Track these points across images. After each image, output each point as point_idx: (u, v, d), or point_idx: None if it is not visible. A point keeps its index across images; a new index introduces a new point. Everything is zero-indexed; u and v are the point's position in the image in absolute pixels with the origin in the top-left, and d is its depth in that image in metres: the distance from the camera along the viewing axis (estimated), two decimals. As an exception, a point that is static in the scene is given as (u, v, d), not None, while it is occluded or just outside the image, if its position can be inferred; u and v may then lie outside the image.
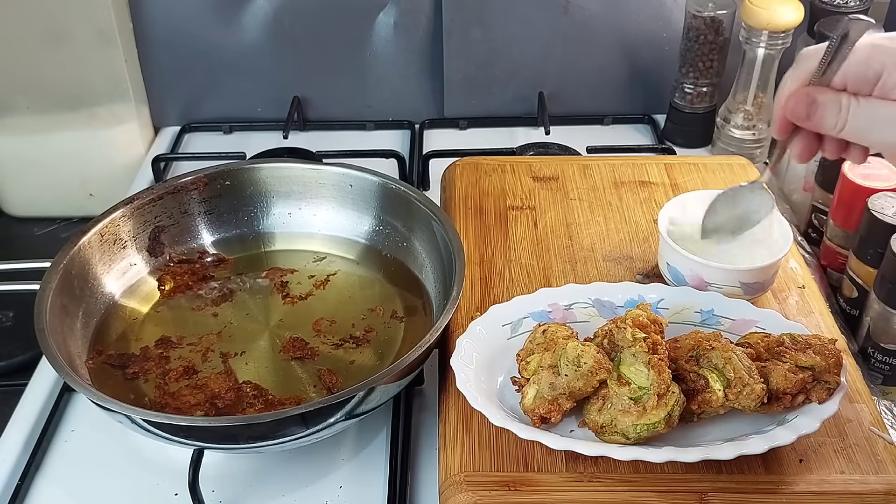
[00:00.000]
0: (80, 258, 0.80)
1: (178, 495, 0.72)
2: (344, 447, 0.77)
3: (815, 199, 0.97)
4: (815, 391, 0.67)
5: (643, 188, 0.95)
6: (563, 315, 0.77)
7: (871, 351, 0.82)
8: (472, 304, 0.81)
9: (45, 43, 1.08)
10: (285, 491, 0.73)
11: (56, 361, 0.68)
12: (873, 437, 0.68)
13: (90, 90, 1.13)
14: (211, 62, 1.18)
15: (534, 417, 0.67)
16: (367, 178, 0.89)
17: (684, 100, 1.14)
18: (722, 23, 1.07)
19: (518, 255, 0.87)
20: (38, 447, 0.76)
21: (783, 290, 0.82)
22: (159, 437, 0.68)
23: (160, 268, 0.87)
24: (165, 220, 0.88)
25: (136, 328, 0.82)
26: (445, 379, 0.74)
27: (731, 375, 0.66)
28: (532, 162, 1.00)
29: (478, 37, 1.16)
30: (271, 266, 0.89)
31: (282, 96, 1.20)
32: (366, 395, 0.68)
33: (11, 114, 1.13)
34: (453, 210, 0.93)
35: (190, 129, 1.23)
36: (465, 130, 1.22)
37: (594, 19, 1.15)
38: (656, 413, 0.64)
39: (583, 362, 0.67)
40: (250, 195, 0.91)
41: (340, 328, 0.82)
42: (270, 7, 1.14)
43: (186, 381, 0.76)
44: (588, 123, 1.22)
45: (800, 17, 1.01)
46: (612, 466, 0.65)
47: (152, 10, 1.13)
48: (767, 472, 0.65)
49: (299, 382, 0.76)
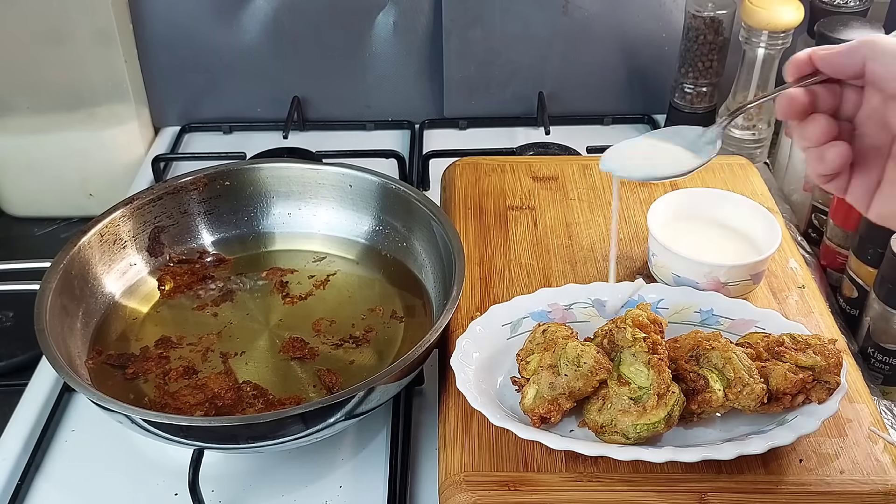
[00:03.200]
0: (80, 258, 0.80)
1: (178, 495, 0.72)
2: (344, 447, 0.77)
3: (815, 199, 0.97)
4: (815, 391, 0.67)
5: (643, 188, 0.95)
6: (563, 315, 0.77)
7: (871, 351, 0.82)
8: (472, 304, 0.81)
9: (45, 43, 1.08)
10: (285, 491, 0.73)
11: (56, 361, 0.68)
12: (873, 437, 0.68)
13: (90, 90, 1.13)
14: (211, 62, 1.18)
15: (534, 417, 0.67)
16: (367, 178, 0.89)
17: (684, 100, 1.14)
18: (722, 23, 1.07)
19: (518, 255, 0.87)
20: (38, 447, 0.76)
21: (783, 290, 0.82)
22: (159, 437, 0.68)
23: (160, 268, 0.87)
24: (165, 220, 0.88)
25: (136, 328, 0.82)
26: (445, 379, 0.74)
27: (731, 375, 0.66)
28: (532, 162, 1.00)
29: (478, 37, 1.16)
30: (271, 266, 0.89)
31: (282, 96, 1.20)
32: (366, 395, 0.68)
33: (11, 114, 1.13)
34: (453, 210, 0.93)
35: (190, 130, 1.23)
36: (464, 130, 1.22)
37: (594, 19, 1.15)
38: (656, 413, 0.64)
39: (583, 362, 0.67)
40: (250, 195, 0.91)
41: (340, 328, 0.82)
42: (270, 7, 1.14)
43: (186, 381, 0.76)
44: (588, 123, 1.22)
45: (800, 17, 1.01)
46: (612, 466, 0.65)
47: (152, 10, 1.13)
48: (767, 472, 0.65)
49: (299, 382, 0.76)
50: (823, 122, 0.57)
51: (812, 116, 0.57)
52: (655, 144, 0.68)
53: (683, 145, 0.66)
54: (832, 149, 0.57)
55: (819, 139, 0.57)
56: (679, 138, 0.67)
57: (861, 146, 0.58)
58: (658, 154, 0.67)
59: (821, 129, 0.57)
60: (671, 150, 0.67)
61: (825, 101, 0.58)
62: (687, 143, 0.66)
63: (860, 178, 0.58)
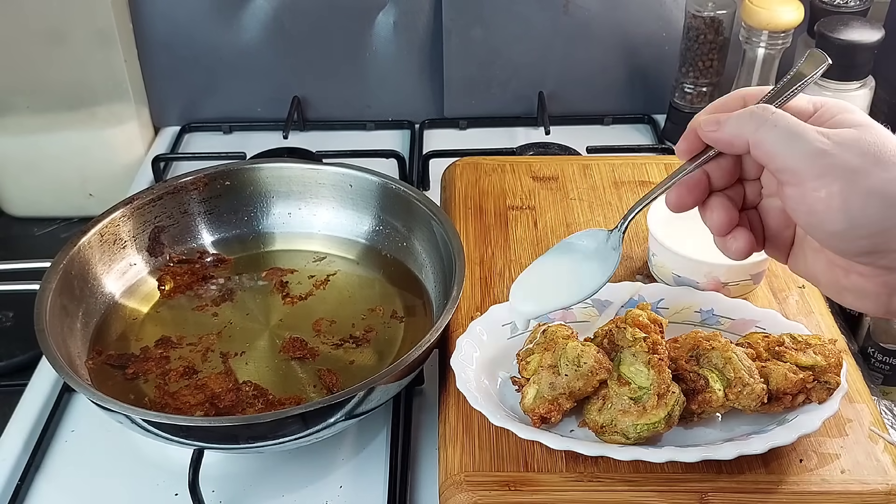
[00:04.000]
0: (80, 258, 0.80)
1: (178, 495, 0.72)
2: (344, 447, 0.77)
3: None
4: (815, 391, 0.67)
5: (643, 188, 0.95)
6: (563, 315, 0.77)
7: (871, 351, 0.82)
8: (472, 304, 0.81)
9: (45, 43, 1.08)
10: (285, 491, 0.73)
11: (56, 361, 0.68)
12: (873, 436, 0.68)
13: (90, 90, 1.13)
14: (211, 62, 1.18)
15: (534, 417, 0.67)
16: (367, 178, 0.89)
17: (684, 99, 1.14)
18: (722, 23, 1.07)
19: (518, 255, 0.87)
20: (38, 447, 0.76)
21: (783, 290, 0.82)
22: (159, 437, 0.68)
23: (160, 268, 0.87)
24: (165, 220, 0.88)
25: (136, 328, 0.82)
26: (445, 379, 0.74)
27: (731, 375, 0.66)
28: (532, 162, 1.00)
29: (478, 37, 1.16)
30: (271, 266, 0.89)
31: (282, 96, 1.20)
32: (366, 395, 0.68)
33: (11, 114, 1.13)
34: (453, 210, 0.93)
35: (190, 129, 1.23)
36: (465, 130, 1.22)
37: (594, 19, 1.15)
38: (656, 413, 0.64)
39: (583, 362, 0.67)
40: (250, 195, 0.91)
41: (340, 328, 0.82)
42: (270, 7, 1.14)
43: (186, 381, 0.76)
44: (588, 123, 1.22)
45: (800, 17, 1.01)
46: (612, 466, 0.65)
47: (152, 10, 1.13)
48: (767, 472, 0.65)
49: (299, 382, 0.76)
50: (722, 213, 0.54)
51: (709, 204, 0.55)
52: (558, 263, 0.64)
53: (587, 256, 0.62)
54: (735, 242, 0.54)
55: (721, 230, 0.55)
56: (579, 251, 0.63)
57: (767, 212, 0.56)
58: (564, 275, 0.63)
59: (720, 219, 0.54)
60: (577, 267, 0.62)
61: (721, 177, 0.55)
62: (590, 253, 0.62)
63: (772, 241, 0.56)
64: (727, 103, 0.55)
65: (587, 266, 0.62)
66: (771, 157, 0.50)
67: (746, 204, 0.56)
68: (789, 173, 0.49)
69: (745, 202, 0.56)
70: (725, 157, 0.54)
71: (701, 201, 0.55)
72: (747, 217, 0.56)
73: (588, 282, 0.62)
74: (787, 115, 0.50)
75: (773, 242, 0.57)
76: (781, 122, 0.50)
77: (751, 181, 0.56)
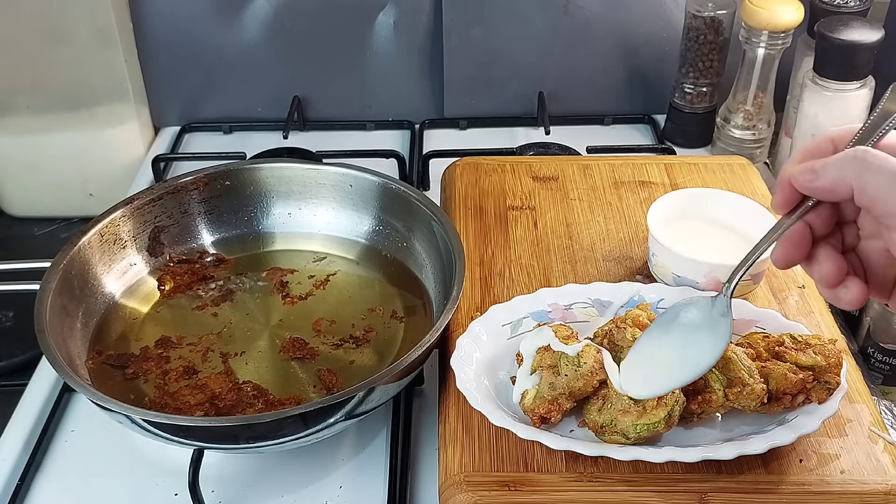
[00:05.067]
0: (80, 258, 0.80)
1: (178, 495, 0.72)
2: (344, 447, 0.77)
3: (815, 199, 0.97)
4: (815, 391, 0.67)
5: (643, 188, 0.95)
6: (563, 315, 0.77)
7: (871, 351, 0.82)
8: (472, 304, 0.81)
9: (45, 43, 1.08)
10: (285, 491, 0.73)
11: (56, 361, 0.68)
12: (873, 437, 0.68)
13: (90, 90, 1.13)
14: (211, 62, 1.18)
15: (534, 417, 0.67)
16: (367, 178, 0.89)
17: (684, 100, 1.14)
18: (722, 23, 1.07)
19: (518, 255, 0.87)
20: (38, 447, 0.76)
21: (783, 290, 0.82)
22: (159, 437, 0.68)
23: (160, 268, 0.87)
24: (165, 220, 0.88)
25: (136, 328, 0.82)
26: (445, 379, 0.74)
27: (731, 375, 0.66)
28: (532, 162, 1.00)
29: (478, 37, 1.16)
30: (271, 266, 0.89)
31: (282, 96, 1.20)
32: (366, 395, 0.68)
33: (11, 114, 1.13)
34: (453, 210, 0.93)
35: (190, 129, 1.23)
36: (465, 130, 1.22)
37: (594, 19, 1.15)
38: (656, 413, 0.64)
39: (583, 362, 0.67)
40: (250, 195, 0.91)
41: (340, 328, 0.82)
42: (270, 7, 1.14)
43: (186, 381, 0.76)
44: (588, 123, 1.22)
45: (800, 17, 1.01)
46: (612, 466, 0.65)
47: (152, 10, 1.14)
48: (767, 472, 0.65)
49: (299, 382, 0.76)
50: (831, 265, 0.52)
51: (816, 256, 0.53)
52: (665, 342, 0.64)
53: (693, 328, 0.62)
54: (847, 292, 0.52)
55: (832, 282, 0.52)
56: (684, 323, 0.62)
57: (867, 254, 0.54)
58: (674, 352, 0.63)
59: (830, 271, 0.52)
60: (686, 342, 0.62)
61: (821, 226, 0.53)
62: (697, 324, 0.61)
63: (874, 282, 0.54)
64: (816, 149, 0.53)
65: (696, 339, 0.62)
66: (875, 203, 0.48)
67: (845, 247, 0.54)
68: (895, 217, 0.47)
69: (844, 246, 0.54)
70: (824, 205, 0.53)
71: (808, 254, 0.53)
72: (849, 262, 0.53)
73: (701, 357, 0.62)
74: (888, 156, 0.48)
75: (875, 283, 0.54)
76: (885, 164, 0.47)
77: (847, 223, 0.54)
